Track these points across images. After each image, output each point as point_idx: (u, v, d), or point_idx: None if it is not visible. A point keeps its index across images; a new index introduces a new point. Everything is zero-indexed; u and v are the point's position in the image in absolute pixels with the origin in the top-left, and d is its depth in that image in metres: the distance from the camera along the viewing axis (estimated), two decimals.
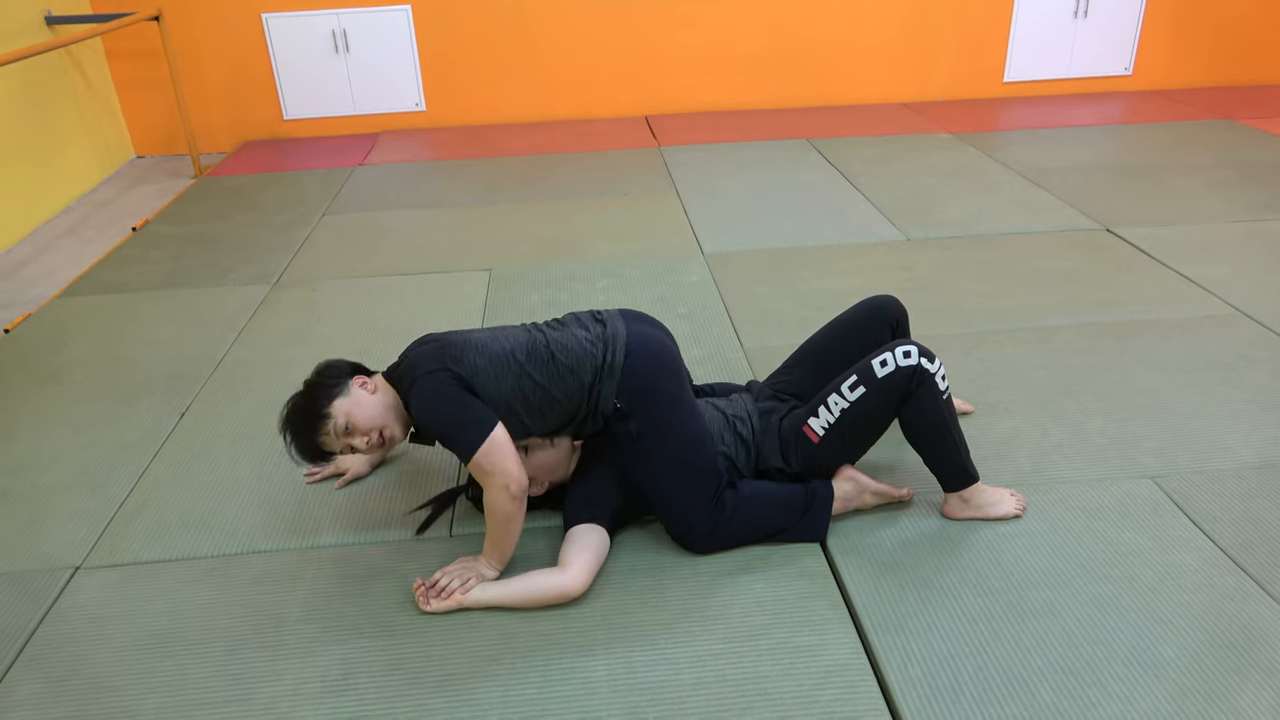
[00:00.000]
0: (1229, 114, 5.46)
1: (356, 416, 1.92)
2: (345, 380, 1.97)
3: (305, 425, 1.93)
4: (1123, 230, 3.75)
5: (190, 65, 5.53)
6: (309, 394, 1.95)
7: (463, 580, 1.90)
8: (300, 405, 1.95)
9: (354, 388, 1.95)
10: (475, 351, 1.93)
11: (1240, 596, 1.86)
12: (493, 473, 1.84)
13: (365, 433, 1.94)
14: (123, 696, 1.73)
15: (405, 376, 1.93)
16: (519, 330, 2.03)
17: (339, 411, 1.92)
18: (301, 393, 1.97)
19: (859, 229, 3.89)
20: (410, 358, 1.97)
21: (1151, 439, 2.37)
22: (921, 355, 1.94)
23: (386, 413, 1.96)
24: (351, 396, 1.94)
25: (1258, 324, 2.94)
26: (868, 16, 5.80)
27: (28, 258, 4.18)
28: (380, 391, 1.97)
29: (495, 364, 1.92)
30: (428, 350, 1.95)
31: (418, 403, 1.89)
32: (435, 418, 1.87)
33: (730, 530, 2.01)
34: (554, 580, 1.88)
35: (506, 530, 1.90)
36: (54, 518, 2.26)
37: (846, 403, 1.99)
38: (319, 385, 1.96)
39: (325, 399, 1.93)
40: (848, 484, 2.08)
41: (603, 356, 1.96)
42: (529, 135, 5.59)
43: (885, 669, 1.72)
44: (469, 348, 1.94)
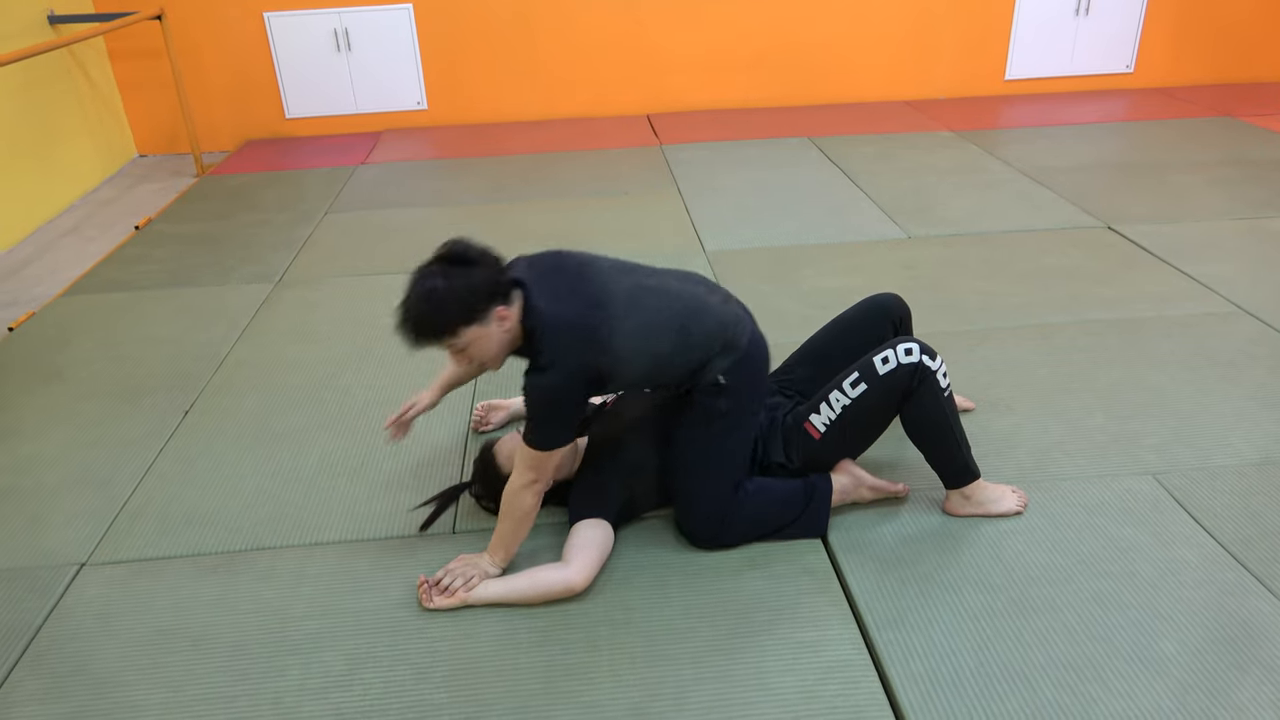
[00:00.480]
0: (1230, 111, 5.46)
1: (476, 348, 1.83)
2: (490, 308, 1.79)
3: (429, 329, 1.79)
4: (1124, 228, 3.76)
5: (192, 64, 5.54)
6: (454, 302, 1.76)
7: (466, 578, 1.91)
8: (439, 309, 1.77)
9: (493, 320, 1.80)
10: (622, 337, 1.84)
11: (1240, 592, 1.86)
12: (531, 468, 1.85)
13: (470, 360, 1.87)
14: (128, 692, 1.74)
15: (544, 344, 1.81)
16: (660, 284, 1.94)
17: (466, 336, 1.80)
18: (446, 292, 1.76)
19: (860, 227, 3.90)
20: (554, 322, 1.81)
21: (1152, 436, 2.38)
22: (923, 353, 1.94)
23: (501, 352, 1.87)
24: (486, 327, 1.80)
25: (1259, 321, 2.95)
26: (869, 14, 5.80)
27: (31, 257, 4.20)
28: (509, 329, 1.83)
29: (635, 347, 1.87)
30: (575, 327, 1.82)
31: (537, 384, 1.81)
32: (541, 405, 1.83)
33: (736, 527, 2.02)
34: (557, 576, 1.89)
35: (518, 528, 1.91)
36: (59, 515, 2.27)
37: (848, 399, 2.00)
38: (465, 302, 1.77)
39: (464, 319, 1.78)
40: (845, 477, 2.10)
41: (730, 334, 1.96)
42: (530, 134, 5.59)
43: (887, 664, 1.73)
44: (616, 334, 1.84)
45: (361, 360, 2.95)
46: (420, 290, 1.79)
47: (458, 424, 2.57)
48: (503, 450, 2.12)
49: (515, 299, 1.85)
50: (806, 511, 2.04)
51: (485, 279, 1.80)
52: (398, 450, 2.46)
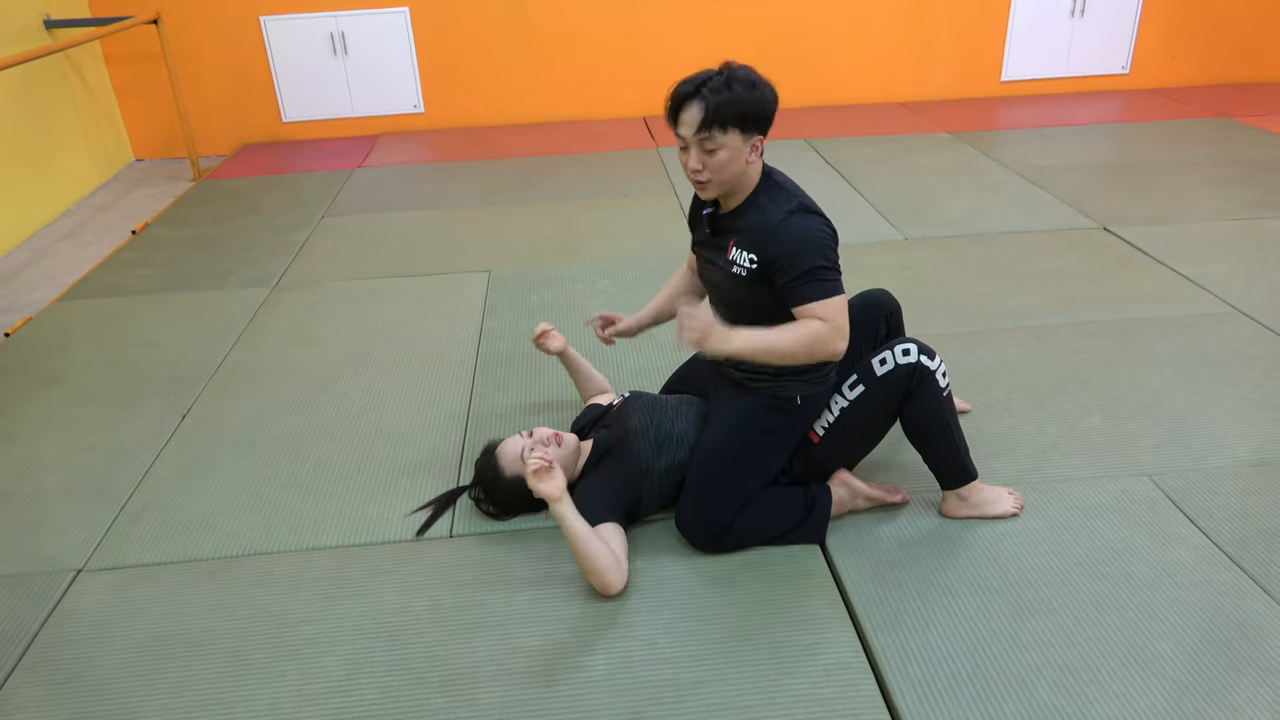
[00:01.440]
0: (1225, 112, 5.47)
1: (721, 157, 1.85)
2: (758, 130, 1.86)
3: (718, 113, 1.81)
4: (1120, 229, 3.76)
5: (189, 68, 5.54)
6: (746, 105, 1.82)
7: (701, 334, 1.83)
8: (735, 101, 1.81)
9: (751, 142, 1.86)
10: None
11: (1236, 593, 1.87)
12: (836, 318, 1.85)
13: (705, 168, 1.87)
14: (126, 699, 1.74)
15: (794, 199, 1.90)
16: None
17: (726, 140, 1.83)
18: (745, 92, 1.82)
19: (858, 228, 3.90)
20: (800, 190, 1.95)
21: (1149, 437, 2.38)
22: (921, 353, 1.95)
23: (731, 180, 1.90)
24: (743, 147, 1.85)
25: (1254, 322, 2.95)
26: (865, 16, 5.81)
27: (27, 261, 4.19)
28: (752, 165, 1.91)
29: None
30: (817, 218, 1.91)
31: (802, 230, 1.86)
32: (819, 250, 1.86)
33: (737, 534, 2.02)
34: (609, 564, 1.88)
35: (794, 351, 1.86)
36: (56, 520, 2.27)
37: (846, 401, 2.01)
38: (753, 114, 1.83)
39: (740, 124, 1.82)
40: (841, 489, 2.10)
41: (832, 367, 2.03)
42: (528, 136, 5.60)
43: (884, 667, 1.73)
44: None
45: (359, 364, 2.95)
46: (745, 75, 1.85)
47: (454, 428, 2.57)
48: (506, 452, 2.12)
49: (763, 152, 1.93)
50: (807, 520, 2.05)
51: (772, 109, 1.87)
52: (394, 455, 2.46)
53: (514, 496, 2.11)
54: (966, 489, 2.07)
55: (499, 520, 2.16)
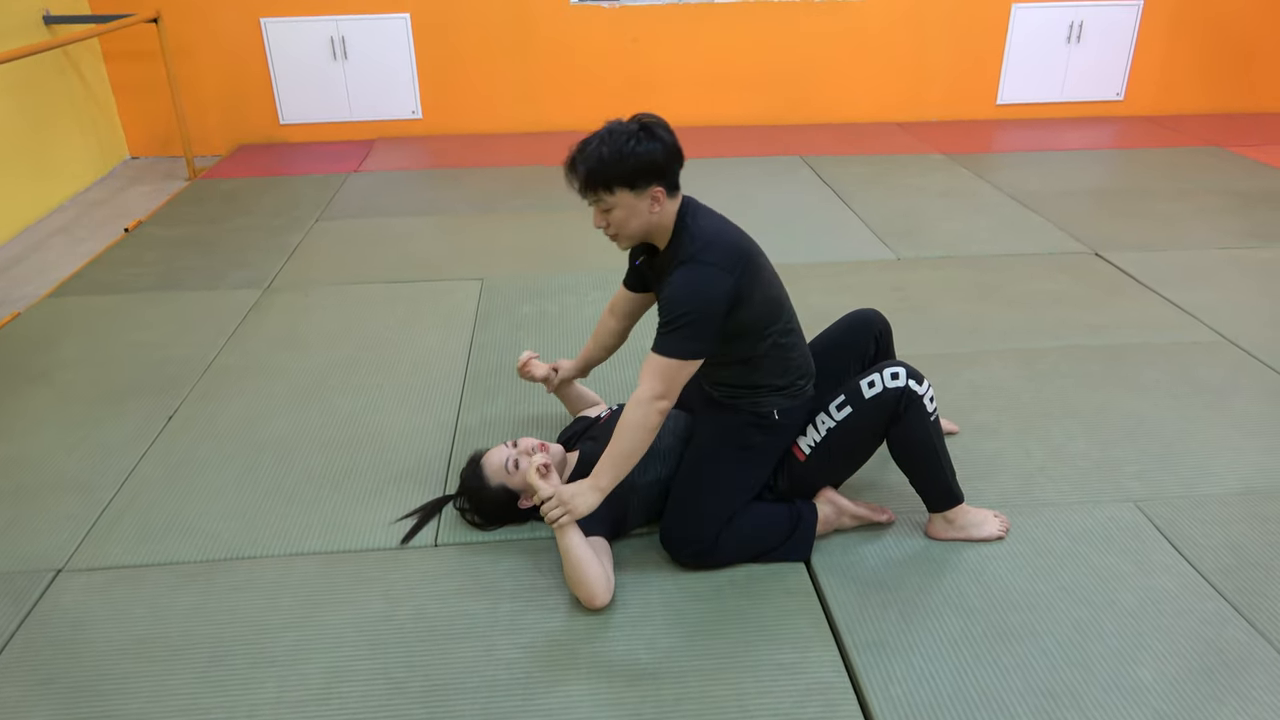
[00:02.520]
0: (1218, 141, 5.52)
1: (618, 214, 1.89)
2: (651, 182, 1.86)
3: (590, 177, 1.85)
4: (1111, 254, 3.79)
5: (187, 67, 5.53)
6: (626, 161, 1.83)
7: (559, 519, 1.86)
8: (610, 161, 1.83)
9: (649, 196, 1.87)
10: (761, 285, 1.93)
11: (1219, 622, 1.87)
12: (660, 379, 1.84)
13: (609, 225, 1.91)
14: (103, 702, 1.72)
15: (697, 244, 1.89)
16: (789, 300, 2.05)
17: (617, 199, 1.87)
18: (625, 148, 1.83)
19: (850, 247, 3.91)
20: (712, 234, 1.92)
21: (1135, 463, 2.39)
22: (910, 377, 1.95)
23: (641, 233, 1.93)
24: (639, 200, 1.87)
25: (1243, 351, 2.97)
26: (863, 36, 5.85)
27: (19, 256, 4.17)
28: (660, 216, 1.91)
29: (760, 307, 1.93)
30: (731, 245, 1.91)
31: (682, 279, 1.87)
32: (683, 303, 1.85)
33: (721, 550, 2.01)
34: (597, 577, 1.88)
35: (636, 450, 1.86)
36: (38, 519, 2.25)
37: (833, 422, 2.01)
38: (634, 166, 1.84)
39: (624, 181, 1.84)
40: (827, 506, 2.10)
41: (804, 381, 2.04)
42: (524, 145, 5.60)
43: (866, 688, 1.72)
44: (759, 277, 1.93)
45: (349, 369, 2.94)
46: (608, 140, 1.86)
47: (441, 436, 2.56)
48: (491, 463, 2.12)
49: (677, 197, 1.94)
50: (792, 538, 2.04)
51: (663, 156, 1.86)
52: (381, 462, 2.45)
53: (498, 507, 2.11)
54: (953, 512, 2.08)
55: (483, 530, 2.16)
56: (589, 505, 1.86)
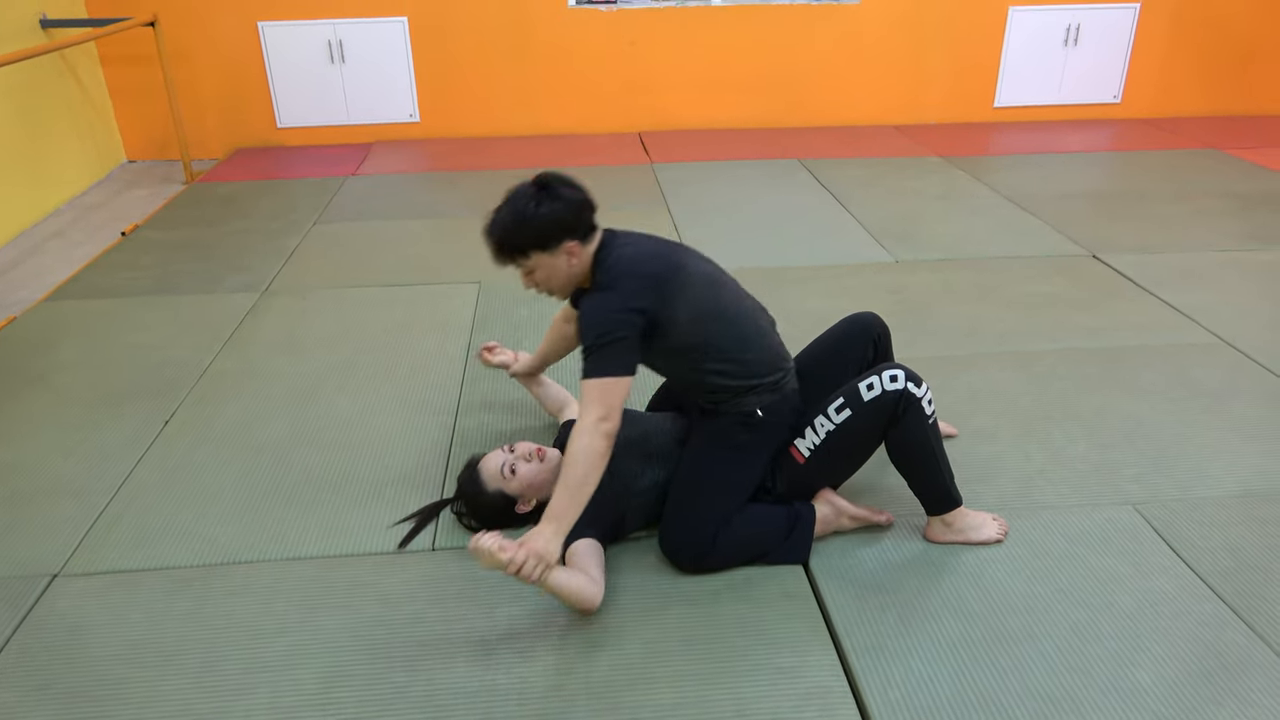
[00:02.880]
0: (1215, 144, 5.53)
1: (541, 275, 1.95)
2: (563, 239, 1.91)
3: (506, 245, 1.92)
4: (1109, 257, 3.79)
5: (184, 71, 5.53)
6: (531, 226, 1.89)
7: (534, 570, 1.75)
8: (517, 229, 1.89)
9: (562, 252, 1.91)
10: (684, 305, 1.93)
11: (1217, 624, 1.87)
12: (598, 402, 1.81)
13: (535, 284, 1.98)
14: (97, 708, 1.72)
15: (610, 272, 1.91)
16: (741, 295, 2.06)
17: (534, 261, 1.93)
18: (529, 214, 1.88)
19: (848, 249, 3.91)
20: (629, 260, 1.94)
21: (1133, 466, 2.39)
22: (909, 380, 1.95)
23: (565, 285, 1.99)
24: (554, 258, 1.92)
25: (1240, 353, 2.97)
26: (861, 39, 5.85)
27: (15, 260, 4.16)
28: (578, 266, 1.95)
29: (691, 324, 1.94)
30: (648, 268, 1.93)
31: (595, 302, 1.91)
32: (598, 326, 1.87)
33: (719, 552, 2.01)
34: (593, 592, 1.87)
35: (584, 481, 1.80)
36: (33, 524, 2.24)
37: (832, 425, 2.01)
38: (541, 228, 1.89)
39: (536, 245, 1.90)
40: (826, 507, 2.09)
41: (779, 376, 2.04)
42: (522, 148, 5.60)
43: (865, 692, 1.72)
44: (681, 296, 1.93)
45: (346, 373, 2.93)
46: (509, 206, 1.92)
47: (439, 440, 2.56)
48: (487, 467, 2.11)
49: (592, 241, 1.97)
50: (790, 539, 2.04)
51: (567, 212, 1.91)
52: (379, 465, 2.45)
53: (495, 512, 2.10)
54: (951, 515, 2.07)
55: None
56: (557, 548, 1.80)
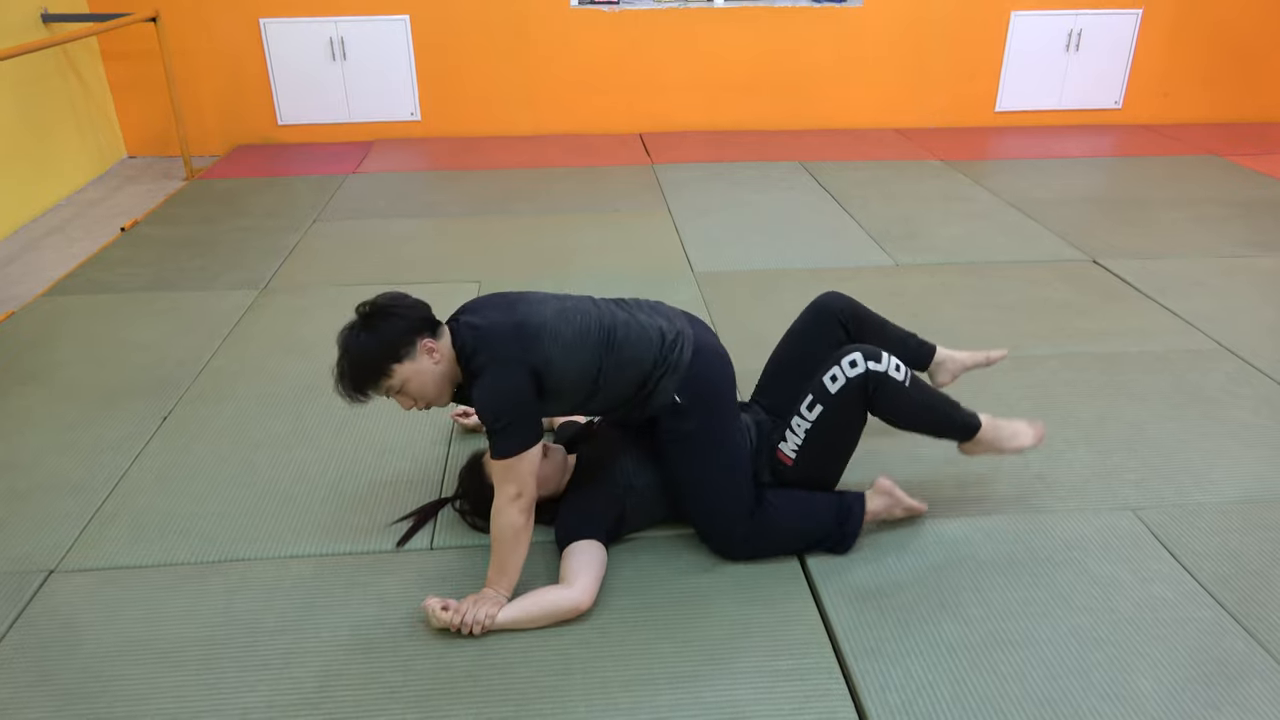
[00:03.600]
0: (1216, 150, 5.53)
1: (413, 385, 1.90)
2: (415, 341, 1.89)
3: (362, 376, 1.89)
4: (1109, 262, 3.79)
5: (186, 67, 5.52)
6: (378, 344, 1.87)
7: (477, 620, 1.83)
8: (365, 354, 1.87)
9: (420, 352, 1.89)
10: (550, 338, 1.89)
11: (1217, 631, 1.86)
12: (509, 481, 1.83)
13: (413, 400, 1.94)
14: (93, 704, 1.71)
15: (478, 353, 1.88)
16: (589, 306, 2.00)
17: (398, 375, 1.88)
18: (370, 337, 1.87)
19: (849, 252, 3.91)
20: (485, 332, 1.90)
21: (1133, 471, 2.39)
22: (868, 359, 1.94)
23: (440, 386, 1.93)
24: (416, 363, 1.89)
25: (1240, 359, 2.97)
26: (862, 42, 5.85)
27: (13, 255, 4.15)
28: (443, 361, 1.92)
29: (567, 353, 1.90)
30: (505, 330, 1.89)
31: (481, 389, 1.87)
32: (492, 409, 1.85)
33: (768, 538, 2.02)
34: (564, 596, 1.87)
35: (514, 548, 1.86)
36: (30, 519, 2.23)
37: (809, 423, 2.01)
38: (390, 341, 1.87)
39: (391, 358, 1.87)
40: (881, 499, 2.10)
41: (668, 350, 1.97)
42: (522, 148, 5.60)
43: (863, 695, 1.71)
44: (544, 334, 1.89)
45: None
46: (345, 345, 1.90)
47: (437, 439, 2.55)
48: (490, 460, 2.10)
49: (443, 334, 1.95)
50: (840, 531, 2.05)
51: (405, 319, 1.90)
52: (377, 464, 2.44)
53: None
54: (981, 435, 2.06)
55: (484, 532, 2.14)
56: (498, 599, 1.85)
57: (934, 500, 2.24)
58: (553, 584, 1.92)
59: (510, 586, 1.89)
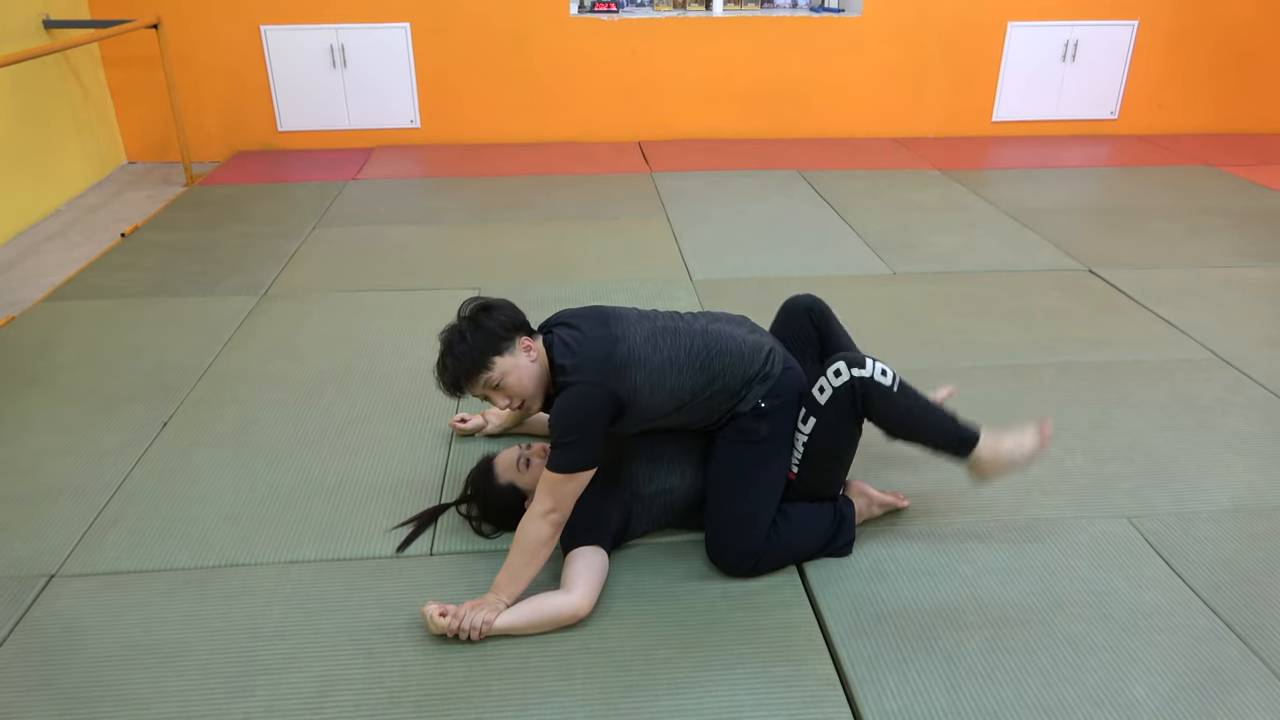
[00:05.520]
0: (1210, 161, 5.57)
1: (511, 380, 1.92)
2: (515, 337, 1.94)
3: (464, 368, 1.92)
4: (1105, 272, 3.81)
5: (186, 73, 5.54)
6: (481, 337, 1.91)
7: (476, 625, 1.84)
8: (468, 347, 1.91)
9: (519, 348, 1.93)
10: (639, 368, 1.91)
11: (1211, 639, 1.88)
12: (550, 495, 1.85)
13: (511, 397, 1.95)
14: (94, 709, 1.72)
15: (569, 368, 1.90)
16: (680, 326, 2.02)
17: (499, 368, 1.91)
18: (472, 331, 1.92)
19: (846, 261, 3.93)
20: (580, 347, 1.92)
21: (1129, 479, 2.40)
22: (851, 366, 1.94)
23: (537, 385, 1.96)
24: (515, 357, 1.93)
25: (1234, 369, 2.99)
26: (860, 52, 5.88)
27: (13, 260, 4.16)
28: (539, 362, 1.95)
29: (654, 380, 1.92)
30: (600, 351, 1.91)
31: (564, 400, 1.89)
32: (564, 423, 1.87)
33: (772, 554, 2.03)
34: (563, 602, 1.88)
35: (531, 561, 1.88)
36: (30, 524, 2.24)
37: (805, 435, 2.03)
38: (493, 333, 1.92)
39: (493, 350, 1.91)
40: (859, 499, 2.15)
41: (762, 363, 2.01)
42: (522, 156, 5.62)
43: (860, 701, 1.72)
44: (633, 362, 1.91)
45: (344, 377, 2.94)
46: (449, 340, 1.96)
47: (437, 444, 2.56)
48: (503, 459, 2.12)
49: (538, 339, 2.00)
50: (837, 537, 2.08)
51: (507, 315, 1.96)
52: (377, 470, 2.45)
53: (505, 509, 2.10)
54: (980, 450, 1.98)
55: (487, 538, 2.15)
56: (497, 604, 1.87)
57: (931, 508, 2.26)
58: (553, 589, 1.93)
59: (515, 595, 1.90)
